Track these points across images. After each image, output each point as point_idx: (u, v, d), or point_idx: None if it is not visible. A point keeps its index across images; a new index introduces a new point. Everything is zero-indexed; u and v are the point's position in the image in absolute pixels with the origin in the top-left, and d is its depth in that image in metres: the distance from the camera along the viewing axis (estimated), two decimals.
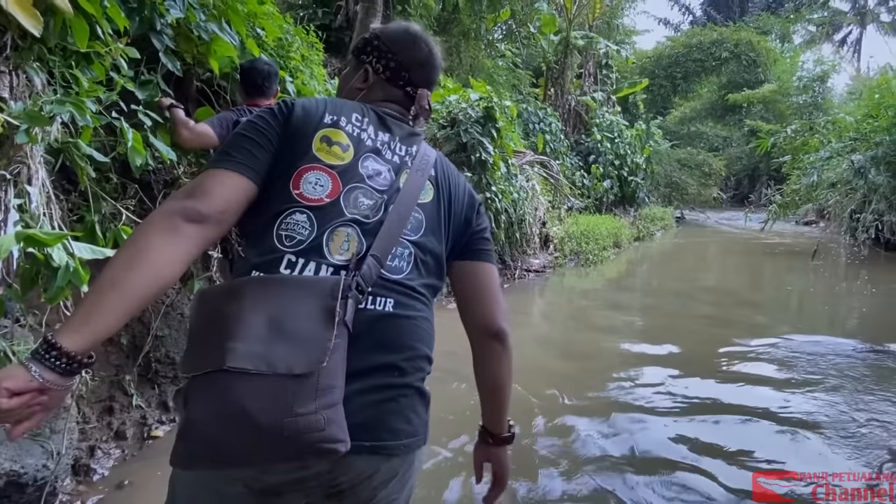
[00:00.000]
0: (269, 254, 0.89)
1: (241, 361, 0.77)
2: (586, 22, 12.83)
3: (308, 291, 0.86)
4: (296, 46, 4.02)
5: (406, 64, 1.11)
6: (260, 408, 0.77)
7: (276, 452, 0.80)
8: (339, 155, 0.96)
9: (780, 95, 19.73)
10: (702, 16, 32.10)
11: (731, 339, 4.13)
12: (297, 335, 0.81)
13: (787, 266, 8.26)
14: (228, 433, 0.78)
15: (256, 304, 0.82)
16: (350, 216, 0.93)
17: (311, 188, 0.93)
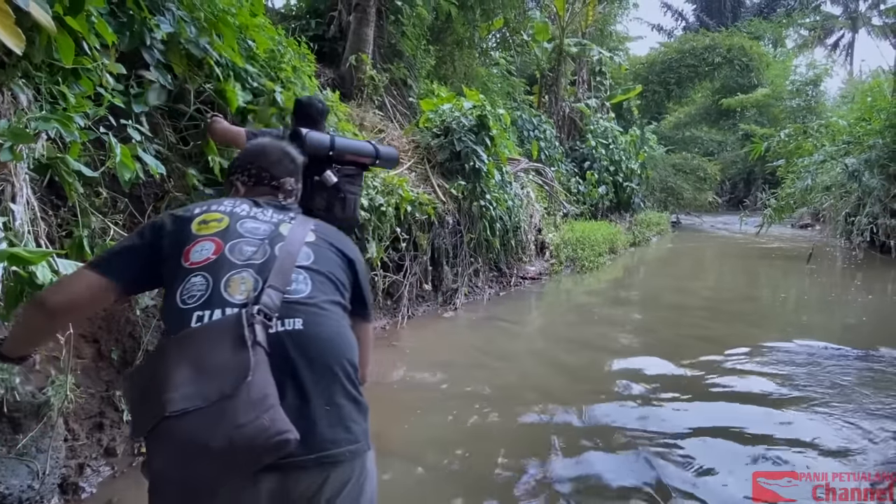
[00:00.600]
0: (179, 317, 1.02)
1: (179, 405, 0.88)
2: (579, 29, 12.89)
3: (217, 331, 0.98)
4: (287, 58, 4.02)
5: (265, 167, 1.37)
6: (208, 434, 0.87)
7: (235, 466, 0.89)
8: (215, 225, 1.14)
9: (774, 99, 19.83)
10: (695, 21, 32.29)
11: (726, 345, 4.12)
12: (219, 367, 0.93)
13: (783, 270, 8.27)
14: (188, 468, 0.87)
15: (178, 357, 0.94)
16: (240, 263, 1.08)
17: (198, 254, 1.08)
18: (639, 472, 2.35)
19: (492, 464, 2.42)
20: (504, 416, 2.90)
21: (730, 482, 2.29)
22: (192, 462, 0.87)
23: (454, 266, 5.52)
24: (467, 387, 3.28)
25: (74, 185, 2.09)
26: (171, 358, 0.94)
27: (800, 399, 3.14)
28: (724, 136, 24.01)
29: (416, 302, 5.02)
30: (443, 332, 4.56)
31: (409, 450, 2.56)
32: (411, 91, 7.99)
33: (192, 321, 1.00)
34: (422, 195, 4.92)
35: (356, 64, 6.37)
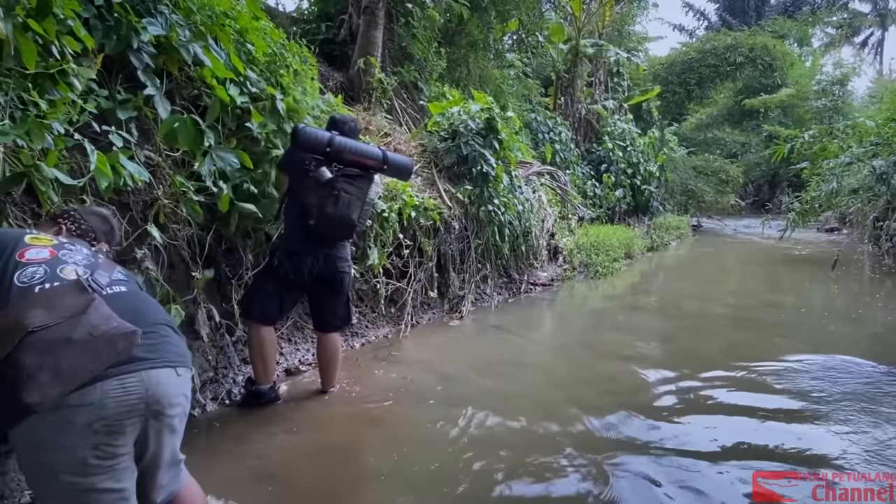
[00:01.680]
0: (20, 290, 1.35)
1: (38, 322, 1.23)
2: (596, 30, 12.68)
3: (62, 287, 1.36)
4: (289, 62, 3.94)
5: (94, 229, 1.75)
6: (69, 332, 1.24)
7: (96, 352, 1.25)
8: (47, 241, 1.52)
9: (799, 100, 19.26)
10: (717, 21, 31.69)
11: (747, 356, 3.93)
12: (67, 303, 1.30)
13: (808, 277, 7.95)
14: (56, 355, 1.20)
15: (26, 305, 1.28)
16: (72, 262, 1.47)
17: (35, 254, 1.44)
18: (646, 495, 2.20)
19: (497, 484, 2.29)
20: (512, 432, 2.77)
21: (729, 482, 2.28)
22: (58, 352, 1.20)
23: (461, 272, 5.40)
24: (473, 400, 3.14)
25: (48, 194, 2.03)
26: (19, 307, 1.26)
27: (823, 416, 2.96)
28: (748, 137, 23.43)
29: (420, 309, 4.91)
30: (448, 342, 4.43)
31: (409, 470, 2.44)
32: (422, 94, 7.90)
33: (35, 290, 1.32)
34: (427, 200, 4.81)
35: (364, 67, 6.30)
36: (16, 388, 1.14)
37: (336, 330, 3.17)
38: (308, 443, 2.68)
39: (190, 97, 3.17)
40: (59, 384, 1.18)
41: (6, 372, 1.16)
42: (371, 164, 2.97)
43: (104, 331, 1.26)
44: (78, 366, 1.21)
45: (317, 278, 3.02)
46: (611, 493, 2.23)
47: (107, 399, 1.25)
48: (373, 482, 2.38)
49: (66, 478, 1.24)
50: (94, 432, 1.24)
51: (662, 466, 2.43)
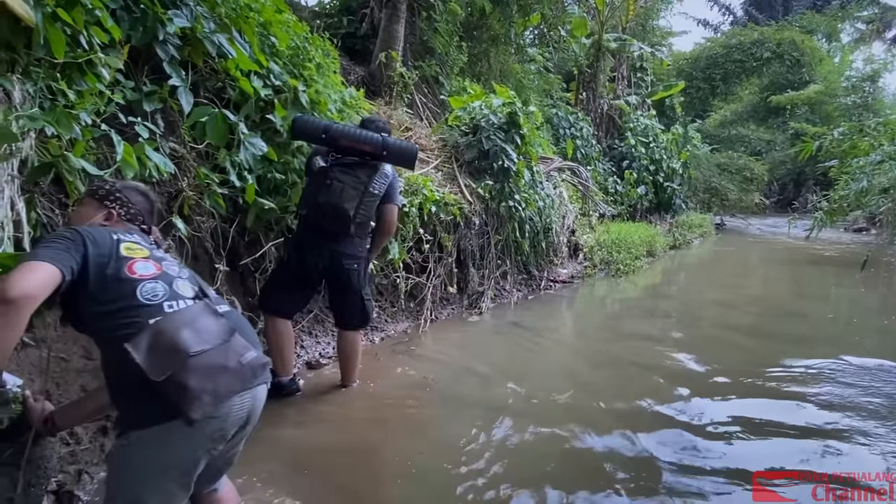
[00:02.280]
0: (147, 308, 1.44)
1: (197, 347, 1.35)
2: (619, 24, 12.49)
3: (195, 310, 1.47)
4: (311, 55, 3.93)
5: (142, 211, 1.74)
6: (223, 360, 1.39)
7: (244, 378, 1.43)
8: (140, 251, 1.55)
9: (827, 96, 18.76)
10: (743, 16, 31.00)
11: (773, 363, 3.85)
12: (209, 327, 1.44)
13: (835, 278, 7.76)
14: (215, 380, 1.34)
15: (174, 327, 1.38)
16: (175, 275, 1.57)
17: (144, 269, 1.51)
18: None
19: (518, 487, 2.26)
20: (529, 436, 2.73)
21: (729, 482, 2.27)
22: (217, 376, 1.35)
23: (480, 268, 5.36)
24: (494, 398, 3.12)
25: (75, 184, 2.03)
26: (169, 328, 1.36)
27: (856, 432, 2.86)
28: (773, 134, 22.94)
29: (439, 305, 4.89)
30: (467, 338, 4.39)
31: (428, 469, 2.42)
32: (442, 89, 7.85)
33: (165, 309, 1.44)
34: (448, 195, 4.78)
35: (386, 61, 6.27)
36: (181, 404, 1.28)
37: (353, 329, 3.12)
38: (327, 437, 2.68)
39: (214, 89, 3.17)
40: (215, 404, 1.35)
41: (167, 389, 1.29)
42: (368, 150, 2.87)
43: (249, 361, 1.43)
44: (229, 389, 1.38)
45: (324, 274, 2.98)
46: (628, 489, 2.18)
47: (230, 413, 1.42)
48: (391, 480, 2.36)
49: (175, 474, 1.40)
50: (212, 439, 1.42)
51: (707, 481, 2.37)
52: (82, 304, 1.42)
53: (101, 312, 1.40)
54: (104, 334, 1.42)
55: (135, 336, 1.33)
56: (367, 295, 3.09)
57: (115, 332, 1.37)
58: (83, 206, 1.68)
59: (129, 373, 1.30)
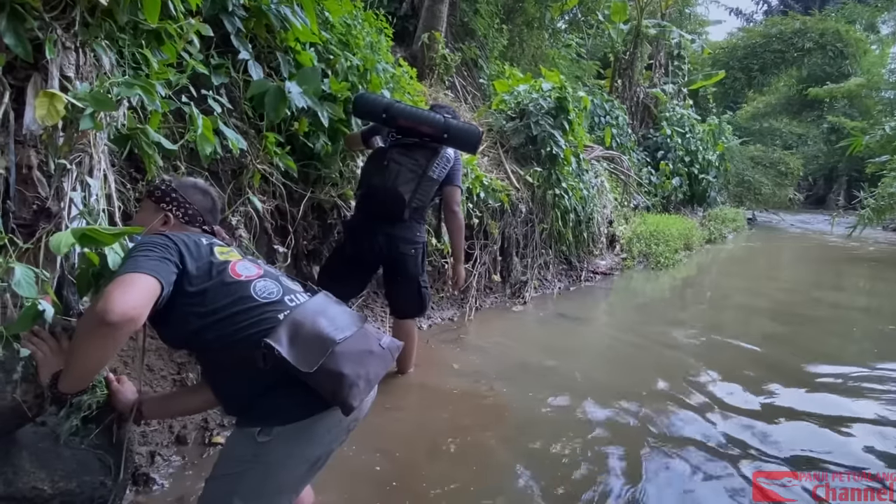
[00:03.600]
0: (267, 304, 1.38)
1: (341, 335, 1.31)
2: (658, 10, 12.13)
3: (322, 301, 1.43)
4: (364, 31, 3.84)
5: (200, 212, 1.60)
6: (368, 345, 1.37)
7: (386, 364, 1.41)
8: (234, 254, 1.49)
9: (869, 90, 18.12)
10: (778, 4, 30.10)
11: (820, 367, 3.71)
12: (342, 316, 1.41)
13: (891, 278, 7.48)
14: (366, 366, 1.32)
15: (312, 317, 1.34)
16: (276, 273, 1.52)
17: (247, 271, 1.43)
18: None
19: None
20: (574, 433, 2.64)
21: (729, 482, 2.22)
22: (366, 361, 1.32)
23: (524, 257, 5.24)
24: (554, 386, 3.04)
25: (154, 158, 1.96)
26: (305, 319, 1.32)
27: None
28: (806, 128, 22.30)
29: (483, 293, 4.79)
30: (514, 327, 4.30)
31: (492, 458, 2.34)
32: (482, 72, 7.68)
33: (288, 303, 1.39)
34: (495, 181, 4.66)
35: (429, 42, 6.13)
36: (337, 394, 1.25)
37: (409, 318, 3.01)
38: (386, 423, 2.61)
39: (273, 66, 3.09)
40: (368, 390, 1.32)
41: (319, 379, 1.24)
42: (428, 132, 2.72)
43: (387, 345, 1.41)
44: (377, 374, 1.36)
45: (380, 260, 2.88)
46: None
47: (364, 402, 1.40)
48: (459, 462, 2.28)
49: (307, 468, 1.35)
50: (348, 429, 1.41)
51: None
52: (184, 316, 1.32)
53: (212, 321, 1.31)
54: (223, 342, 1.31)
55: (271, 332, 1.26)
56: (423, 282, 2.94)
57: (240, 334, 1.30)
58: (142, 210, 1.59)
59: (265, 371, 1.25)
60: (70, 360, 1.23)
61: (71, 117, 1.41)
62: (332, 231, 3.48)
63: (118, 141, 1.93)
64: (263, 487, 1.29)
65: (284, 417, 1.29)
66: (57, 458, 1.42)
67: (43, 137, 1.46)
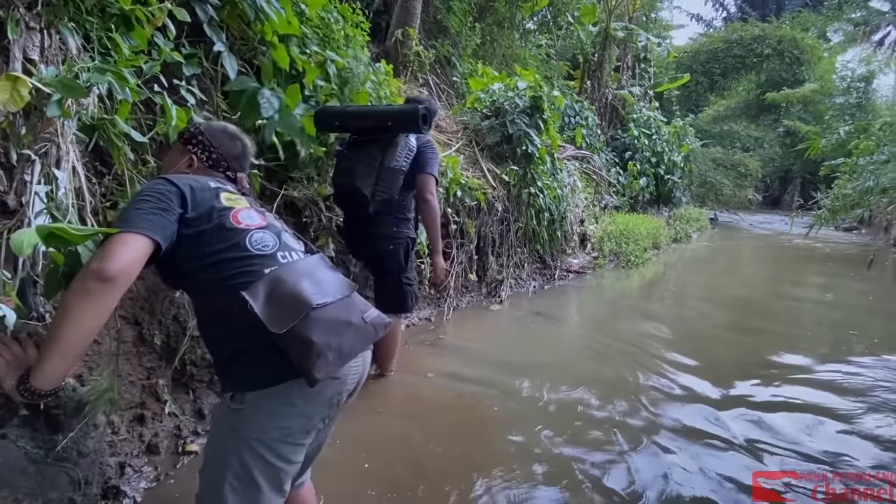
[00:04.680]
0: (260, 257, 1.31)
1: (320, 300, 1.22)
2: (626, 13, 12.33)
3: (312, 262, 1.35)
4: (339, 26, 3.75)
5: (226, 157, 1.55)
6: (347, 315, 1.26)
7: (367, 337, 1.30)
8: (240, 201, 1.40)
9: (822, 95, 18.88)
10: (736, 12, 31.08)
11: (789, 362, 3.81)
12: (329, 280, 1.32)
13: (846, 275, 7.76)
14: (341, 336, 1.22)
15: (294, 277, 1.25)
16: (280, 227, 1.45)
17: (250, 219, 1.36)
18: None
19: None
20: (558, 436, 2.63)
21: (729, 482, 2.22)
22: (343, 332, 1.22)
23: (499, 256, 5.23)
24: (525, 391, 3.02)
25: (124, 151, 1.84)
26: (288, 277, 1.24)
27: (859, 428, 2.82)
28: (763, 131, 23.07)
29: (460, 292, 4.75)
30: (493, 328, 4.28)
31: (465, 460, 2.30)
32: (455, 70, 7.64)
33: (279, 259, 1.31)
34: (471, 179, 4.62)
35: (402, 39, 6.04)
36: (303, 362, 1.15)
37: (393, 311, 2.91)
38: (369, 428, 2.54)
39: (246, 58, 2.98)
40: (339, 363, 1.21)
41: (288, 343, 1.16)
42: (372, 125, 2.73)
43: (372, 319, 1.31)
44: (354, 348, 1.26)
45: (363, 256, 2.98)
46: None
47: (348, 376, 1.32)
48: (438, 467, 2.23)
49: (286, 445, 1.25)
50: (329, 405, 1.30)
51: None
52: (180, 258, 1.27)
53: (205, 264, 1.26)
54: (210, 286, 1.27)
55: (251, 285, 1.20)
56: (407, 279, 2.92)
57: (225, 282, 1.24)
58: (172, 151, 1.56)
59: (242, 326, 1.18)
60: (55, 335, 1.09)
61: (35, 104, 1.29)
62: (308, 229, 3.37)
63: (83, 131, 1.81)
64: (251, 470, 1.21)
65: (254, 382, 1.21)
66: (20, 474, 1.31)
67: (3, 125, 1.34)
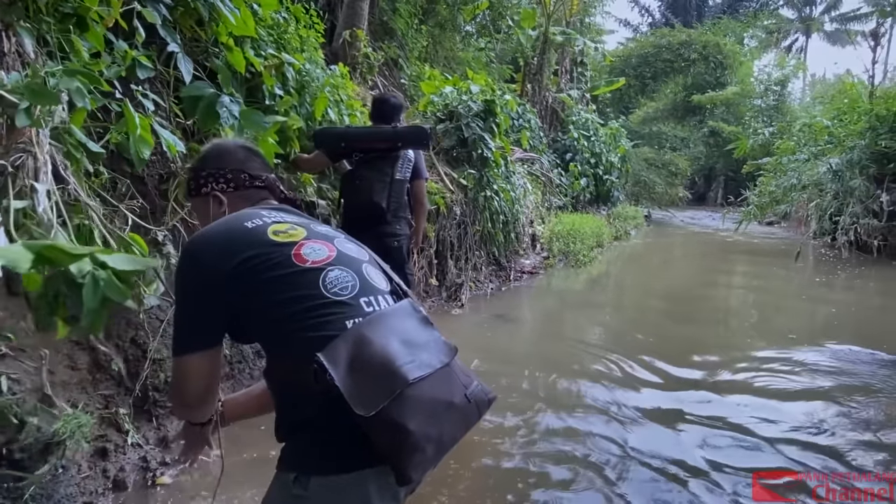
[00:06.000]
0: (339, 305, 1.04)
1: (417, 373, 0.95)
2: (563, 18, 12.66)
3: (402, 312, 1.07)
4: (293, 27, 3.64)
5: (238, 167, 1.26)
6: (449, 393, 0.99)
7: (471, 421, 1.04)
8: (298, 232, 1.12)
9: (743, 98, 20.17)
10: (661, 18, 32.67)
11: (738, 350, 4.03)
12: (424, 341, 1.03)
13: (775, 267, 8.26)
14: (442, 423, 0.96)
15: (382, 336, 0.98)
16: (356, 257, 1.16)
17: (315, 254, 1.09)
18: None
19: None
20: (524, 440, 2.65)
21: (730, 482, 2.25)
22: (443, 417, 0.97)
23: (458, 259, 5.22)
24: (499, 394, 3.01)
25: (82, 162, 1.68)
26: (376, 337, 0.98)
27: (816, 398, 3.07)
28: (689, 132, 24.35)
29: (421, 297, 4.70)
30: (455, 332, 4.24)
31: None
32: (403, 73, 7.58)
33: (363, 307, 1.05)
34: (430, 184, 4.59)
35: (350, 40, 5.92)
36: (395, 455, 0.91)
37: None
38: None
39: (199, 60, 2.82)
40: (437, 458, 0.97)
41: (375, 428, 0.91)
42: (383, 146, 2.98)
43: (476, 394, 1.03)
44: (455, 436, 1.01)
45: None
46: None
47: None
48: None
49: None
50: (394, 499, 1.03)
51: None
52: (245, 325, 1.08)
53: (271, 320, 1.03)
54: (279, 345, 1.05)
55: (328, 344, 0.95)
56: (409, 270, 3.26)
57: (296, 339, 1.00)
58: (194, 205, 1.32)
59: (316, 393, 0.94)
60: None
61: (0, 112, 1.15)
62: None
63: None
64: None
65: (325, 466, 0.97)
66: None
67: None
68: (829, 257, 8.55)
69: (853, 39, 21.56)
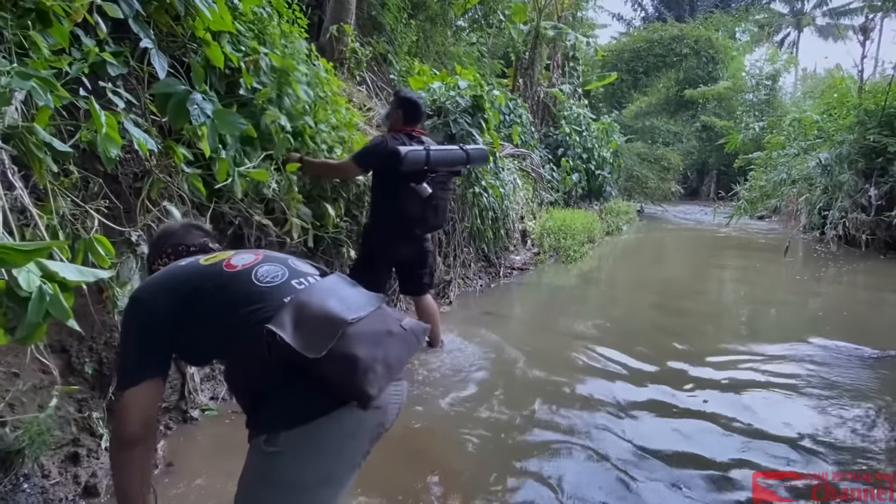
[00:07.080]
0: (273, 289, 1.24)
1: (354, 314, 1.13)
2: (555, 13, 12.60)
3: (333, 282, 1.27)
4: (275, 22, 3.58)
5: (177, 242, 1.54)
6: (386, 325, 1.17)
7: (412, 347, 1.21)
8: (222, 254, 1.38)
9: (734, 92, 20.19)
10: (653, 12, 32.64)
11: (727, 345, 4.04)
12: (354, 297, 1.23)
13: (765, 261, 8.28)
14: (384, 347, 1.12)
15: (320, 298, 1.16)
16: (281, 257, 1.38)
17: (243, 260, 1.31)
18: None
19: None
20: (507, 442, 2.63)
21: (729, 482, 2.24)
22: (385, 342, 1.13)
23: (447, 256, 5.19)
24: (492, 392, 3.00)
25: (46, 162, 1.64)
26: (312, 300, 1.15)
27: (808, 395, 3.07)
28: (681, 126, 24.35)
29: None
30: (444, 330, 4.21)
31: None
32: (392, 68, 7.51)
33: (295, 286, 1.24)
34: None
35: (338, 35, 5.86)
36: (352, 381, 1.05)
37: (429, 289, 3.55)
38: None
39: (175, 56, 2.77)
40: (389, 375, 1.11)
41: (330, 366, 1.05)
42: (460, 168, 3.37)
43: (410, 326, 1.21)
44: (400, 357, 1.17)
45: (413, 257, 3.36)
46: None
47: (389, 405, 1.21)
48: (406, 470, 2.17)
49: (328, 489, 1.14)
50: (371, 438, 1.19)
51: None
52: (195, 340, 1.26)
53: (219, 322, 1.19)
54: (229, 335, 1.18)
55: (273, 317, 1.10)
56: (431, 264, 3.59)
57: (242, 327, 1.15)
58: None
59: (271, 364, 1.09)
60: (120, 493, 1.25)
61: None
62: (243, 242, 3.17)
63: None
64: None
65: (291, 418, 1.09)
66: None
67: None
68: (819, 251, 8.57)
69: (843, 34, 21.63)
